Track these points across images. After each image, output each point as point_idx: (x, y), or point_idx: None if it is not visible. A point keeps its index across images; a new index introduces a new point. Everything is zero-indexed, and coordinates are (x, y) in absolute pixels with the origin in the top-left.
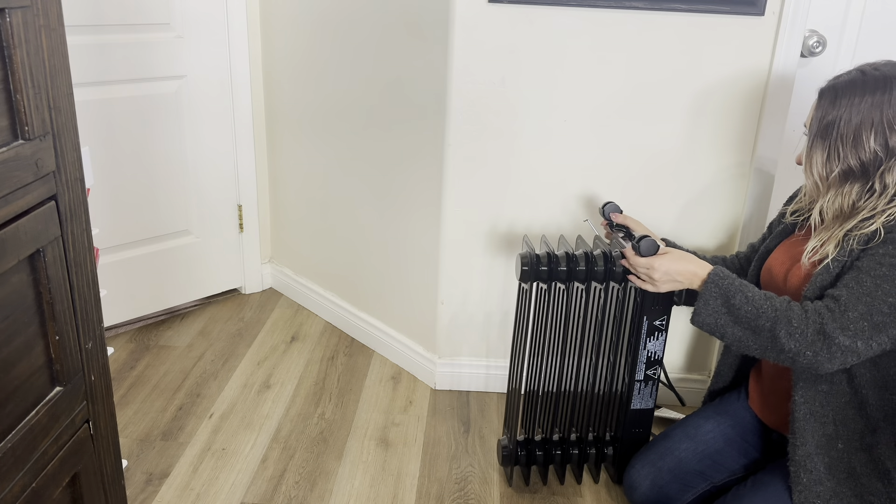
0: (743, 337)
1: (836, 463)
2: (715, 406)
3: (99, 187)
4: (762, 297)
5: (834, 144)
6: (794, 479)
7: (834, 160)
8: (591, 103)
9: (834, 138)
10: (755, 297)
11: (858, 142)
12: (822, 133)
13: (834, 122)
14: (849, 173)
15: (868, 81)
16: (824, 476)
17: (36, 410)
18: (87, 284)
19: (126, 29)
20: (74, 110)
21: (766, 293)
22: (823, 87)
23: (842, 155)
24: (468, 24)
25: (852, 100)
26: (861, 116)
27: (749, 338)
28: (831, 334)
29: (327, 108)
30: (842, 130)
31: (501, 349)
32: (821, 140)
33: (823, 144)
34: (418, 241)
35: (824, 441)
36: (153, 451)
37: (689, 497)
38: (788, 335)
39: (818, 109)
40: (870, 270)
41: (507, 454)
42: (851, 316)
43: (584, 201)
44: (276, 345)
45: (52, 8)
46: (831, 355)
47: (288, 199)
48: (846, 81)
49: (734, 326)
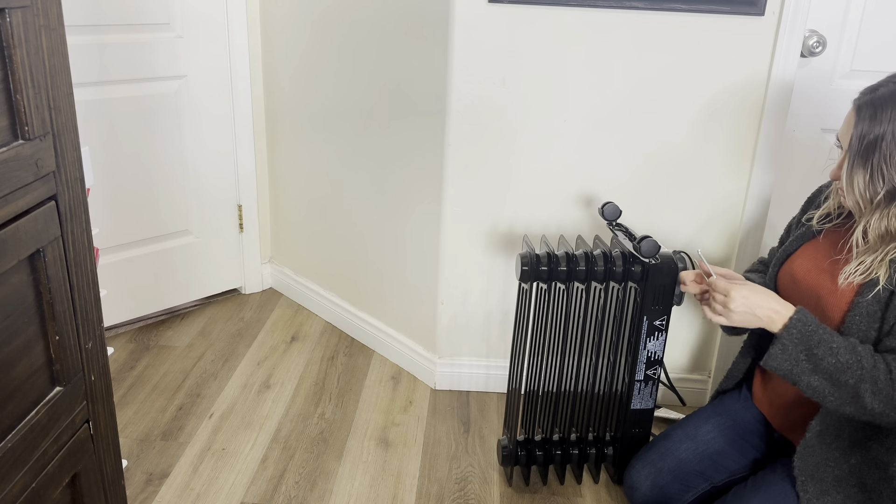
0: (820, 388)
1: (848, 476)
2: (715, 406)
3: (99, 187)
4: (848, 351)
5: (878, 164)
6: (801, 487)
7: (878, 181)
8: (591, 103)
9: (877, 158)
10: (840, 349)
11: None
12: (864, 152)
13: (876, 140)
14: (895, 194)
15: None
16: (832, 487)
17: (36, 410)
18: (87, 284)
19: (126, 29)
20: (74, 110)
21: (850, 344)
22: (859, 100)
23: (887, 176)
24: (468, 24)
25: (893, 115)
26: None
27: (827, 389)
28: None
29: (327, 108)
30: (885, 150)
31: (501, 349)
32: (862, 159)
33: (865, 164)
34: (418, 240)
35: (838, 454)
36: (153, 451)
37: (689, 497)
38: (873, 395)
39: (857, 126)
40: None
41: (507, 454)
42: None
43: (584, 201)
44: (276, 345)
45: (52, 8)
46: None
47: (288, 199)
48: (885, 95)
49: (812, 376)
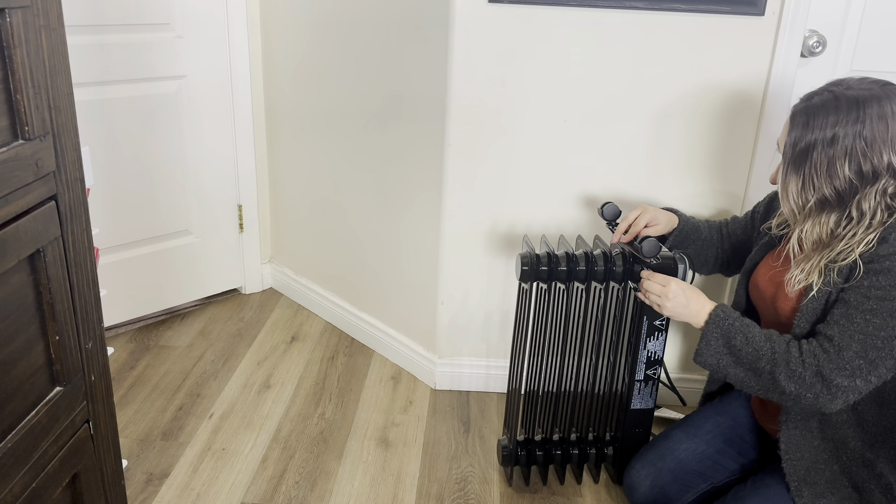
0: (745, 378)
1: (839, 477)
2: (714, 406)
3: (99, 187)
4: (762, 339)
5: (808, 174)
6: (796, 492)
7: (809, 189)
8: (591, 103)
9: (808, 167)
10: (755, 338)
11: (833, 170)
12: (796, 161)
13: (807, 149)
14: (825, 202)
15: (840, 105)
16: (826, 490)
17: (36, 410)
18: (87, 284)
19: (126, 29)
20: (74, 110)
21: (767, 333)
22: (796, 107)
23: (817, 185)
24: (468, 24)
25: (825, 125)
26: (834, 144)
27: (751, 379)
28: (829, 376)
29: (327, 108)
30: (815, 159)
31: (501, 349)
32: (794, 168)
33: (798, 172)
34: (418, 240)
35: (825, 457)
36: (153, 451)
37: (689, 497)
38: (788, 378)
39: (791, 133)
40: (858, 305)
41: (507, 454)
42: (847, 356)
43: (583, 201)
44: (276, 345)
45: (52, 8)
46: (833, 396)
47: (288, 200)
48: (818, 104)
49: (736, 367)
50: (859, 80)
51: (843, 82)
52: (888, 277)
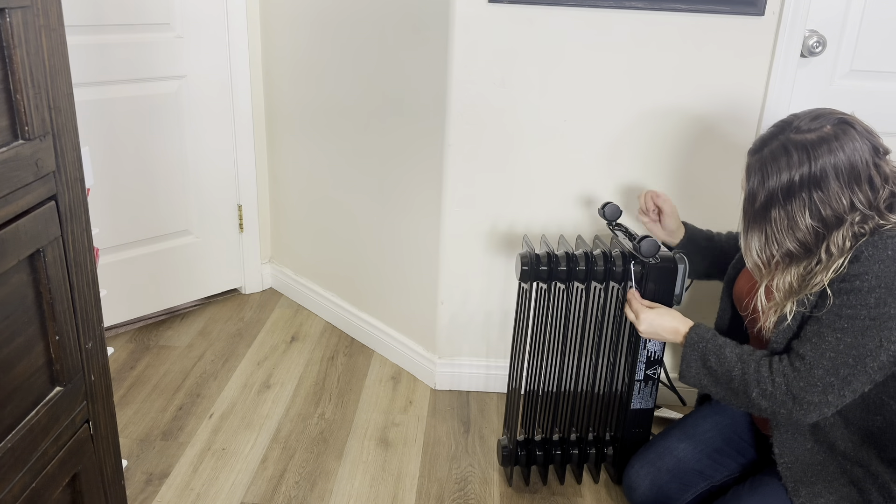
0: (724, 395)
1: (837, 476)
2: (713, 405)
3: (99, 187)
4: (734, 360)
5: (770, 231)
6: (794, 492)
7: (773, 245)
8: (590, 103)
9: (769, 225)
10: (727, 359)
11: (794, 224)
12: (756, 218)
13: (766, 206)
14: (791, 255)
15: (791, 154)
16: (824, 489)
17: (36, 410)
18: (87, 284)
19: (126, 29)
20: (74, 110)
21: (739, 353)
22: (749, 157)
23: (779, 239)
24: (468, 24)
25: (779, 180)
26: (790, 198)
27: (730, 396)
28: (799, 395)
29: (328, 108)
30: (773, 216)
31: (501, 349)
32: (755, 224)
33: (760, 229)
34: (418, 240)
35: (821, 458)
36: (153, 451)
37: (688, 496)
38: (760, 396)
39: (747, 184)
40: (830, 324)
41: (507, 454)
42: (818, 374)
43: (583, 201)
44: (276, 345)
45: (52, 8)
46: (805, 412)
47: (288, 199)
48: (768, 156)
49: (715, 386)
50: (812, 118)
51: (793, 123)
52: (858, 297)
